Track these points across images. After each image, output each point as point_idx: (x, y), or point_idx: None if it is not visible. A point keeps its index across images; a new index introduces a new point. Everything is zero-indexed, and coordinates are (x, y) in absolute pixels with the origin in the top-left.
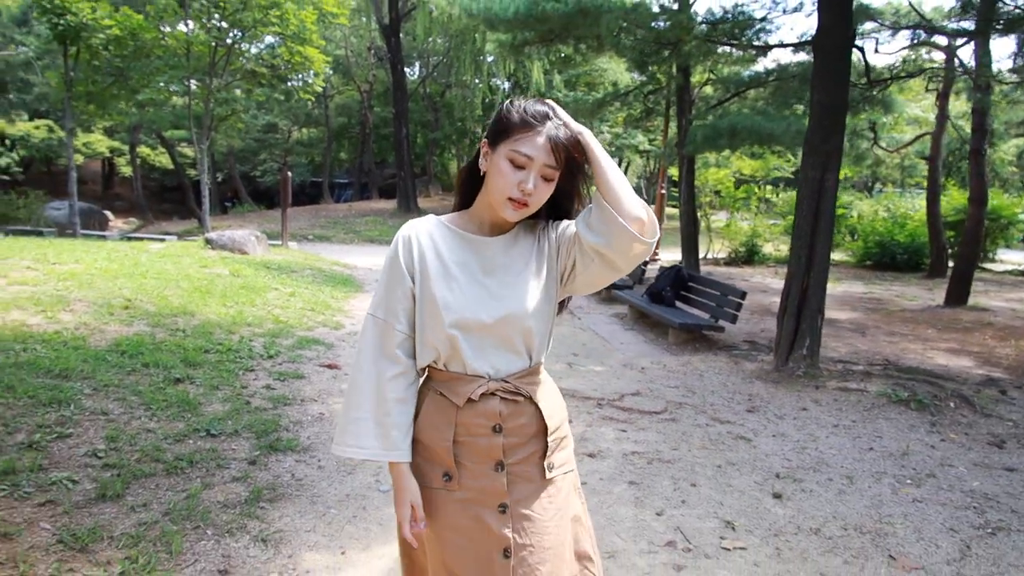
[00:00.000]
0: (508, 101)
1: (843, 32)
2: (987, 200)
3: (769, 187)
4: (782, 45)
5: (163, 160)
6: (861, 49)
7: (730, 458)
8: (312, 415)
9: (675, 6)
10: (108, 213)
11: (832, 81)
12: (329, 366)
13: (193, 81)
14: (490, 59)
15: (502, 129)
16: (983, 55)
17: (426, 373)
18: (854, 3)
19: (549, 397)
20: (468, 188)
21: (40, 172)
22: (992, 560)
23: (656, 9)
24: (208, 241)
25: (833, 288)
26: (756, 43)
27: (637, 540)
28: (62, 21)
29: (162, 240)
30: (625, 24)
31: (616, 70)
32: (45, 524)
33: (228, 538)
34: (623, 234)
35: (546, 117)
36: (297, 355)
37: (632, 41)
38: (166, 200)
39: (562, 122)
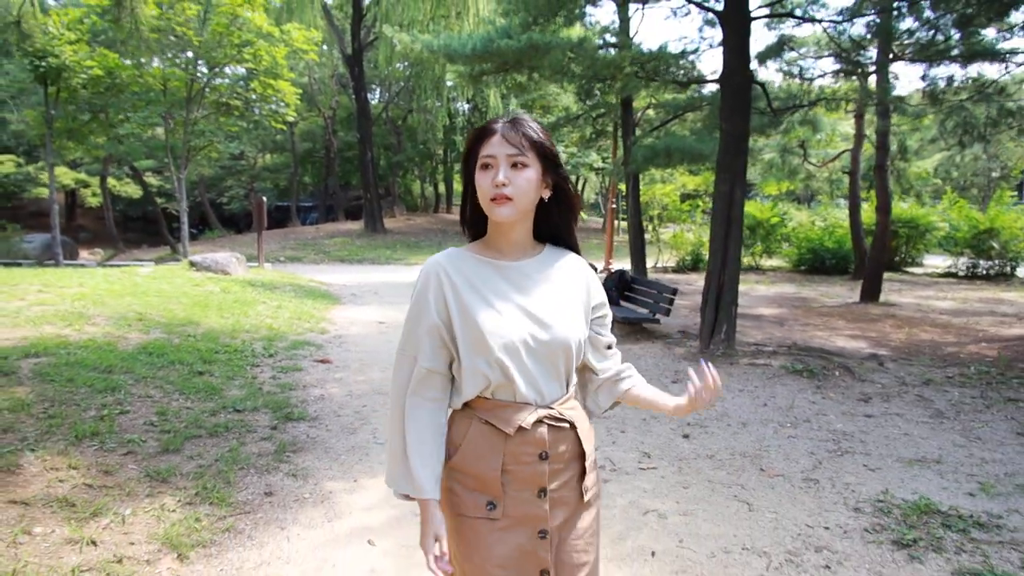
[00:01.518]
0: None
1: (744, 74)
2: (891, 210)
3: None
4: (699, 80)
5: (128, 190)
6: (762, 85)
7: (654, 414)
8: (314, 396)
9: (615, 40)
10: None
11: (736, 114)
12: (322, 361)
13: (173, 115)
14: (450, 84)
15: (467, 150)
16: (884, 83)
17: (462, 404)
18: (779, 34)
19: (584, 422)
20: (474, 221)
21: (3, 207)
22: (834, 470)
23: (599, 42)
24: (192, 264)
25: (767, 290)
26: (678, 79)
27: None
28: (43, 63)
29: (143, 266)
30: (572, 56)
31: (568, 96)
32: (132, 466)
33: (267, 474)
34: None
35: (505, 120)
36: (293, 354)
37: (579, 71)
38: (130, 229)
39: (526, 119)
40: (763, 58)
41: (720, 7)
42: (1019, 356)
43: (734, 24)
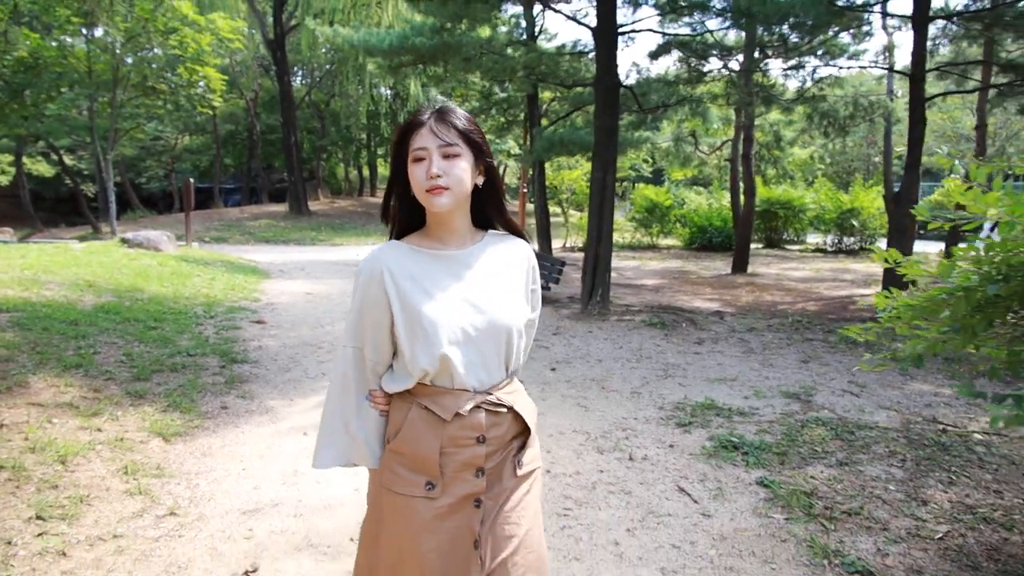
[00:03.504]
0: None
1: (613, 79)
2: (756, 192)
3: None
4: (579, 84)
5: (40, 169)
6: (630, 88)
7: (533, 356)
8: (253, 347)
9: (524, 37)
10: None
11: (606, 113)
12: (258, 322)
13: (99, 97)
14: (371, 69)
15: (397, 142)
16: (749, 82)
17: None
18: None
19: (524, 404)
20: (404, 214)
21: None
22: (655, 387)
23: (505, 41)
24: (124, 240)
25: (657, 265)
26: (563, 82)
27: None
28: None
29: (69, 243)
30: (483, 52)
31: (484, 85)
32: (114, 387)
33: (221, 396)
34: None
35: (432, 112)
36: (231, 316)
37: (487, 67)
38: (41, 208)
39: (453, 109)
40: (654, 55)
41: (593, 24)
42: (830, 310)
43: (604, 38)
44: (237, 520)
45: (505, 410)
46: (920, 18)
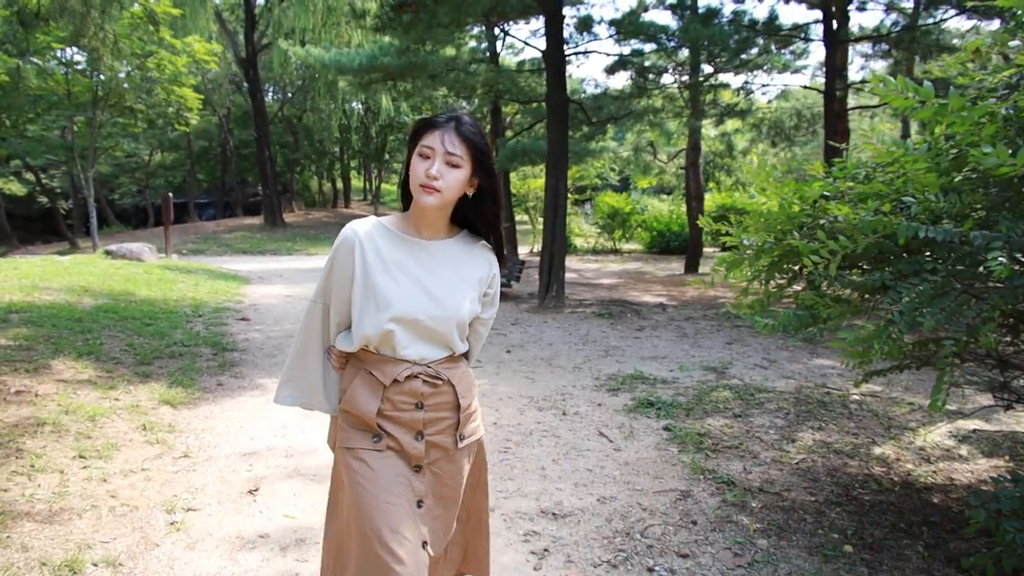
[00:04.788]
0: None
1: (562, 97)
2: (703, 197)
3: (576, 193)
4: (534, 100)
5: (12, 188)
6: (578, 103)
7: (491, 341)
8: (241, 339)
9: (488, 54)
10: None
11: (556, 127)
12: (242, 319)
13: (77, 117)
14: (343, 86)
15: (413, 134)
16: (697, 96)
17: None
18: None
19: (463, 379)
20: (406, 195)
21: None
22: (595, 364)
23: (468, 59)
24: (108, 252)
25: (617, 267)
26: (519, 98)
27: None
28: None
29: (52, 257)
30: (448, 69)
31: (450, 100)
32: (123, 369)
33: (216, 375)
34: None
35: (451, 119)
36: (217, 316)
37: (452, 79)
38: (12, 227)
39: (469, 123)
40: (611, 70)
41: (543, 47)
42: None
43: (553, 60)
44: (239, 460)
45: (442, 382)
46: (830, 40)
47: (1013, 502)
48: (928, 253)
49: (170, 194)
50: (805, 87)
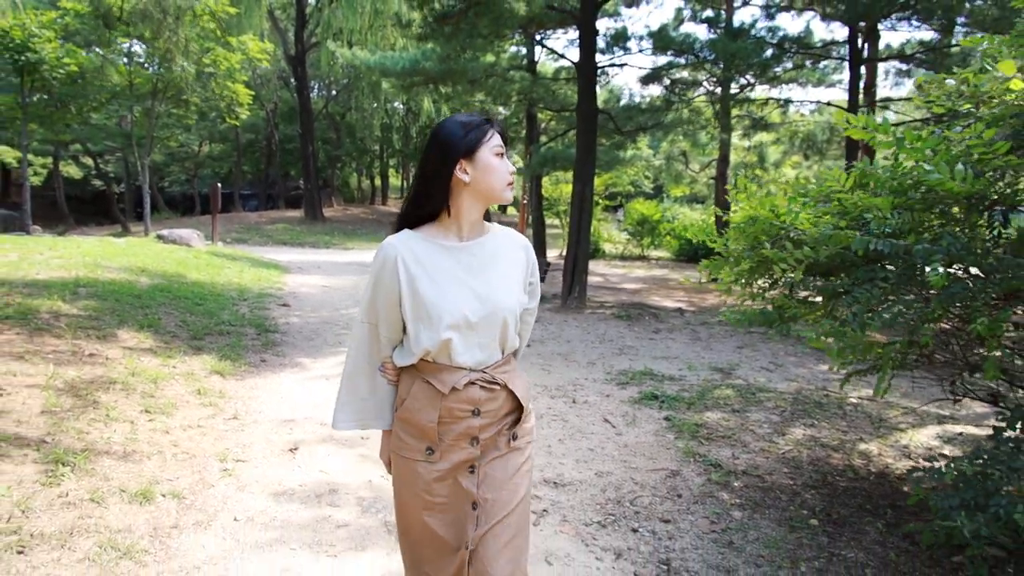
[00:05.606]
0: (450, 123)
1: (592, 107)
2: (729, 208)
3: (608, 200)
4: (566, 108)
5: (71, 171)
6: (608, 113)
7: None
8: (282, 323)
9: (526, 63)
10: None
11: (585, 135)
12: (283, 305)
13: (136, 107)
14: (386, 88)
15: (476, 140)
16: (726, 108)
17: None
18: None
19: (519, 382)
20: (431, 204)
21: None
22: (609, 361)
23: (507, 66)
24: (160, 237)
25: (643, 273)
26: (551, 107)
27: None
28: (23, 57)
29: (108, 238)
30: (487, 75)
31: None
32: (179, 342)
33: (260, 353)
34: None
35: (485, 116)
36: (260, 300)
37: (492, 85)
38: (70, 209)
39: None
40: (645, 81)
41: (576, 59)
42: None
43: (584, 71)
44: (281, 424)
45: (499, 387)
46: (854, 59)
47: (941, 477)
48: (880, 264)
49: (219, 184)
50: (829, 103)
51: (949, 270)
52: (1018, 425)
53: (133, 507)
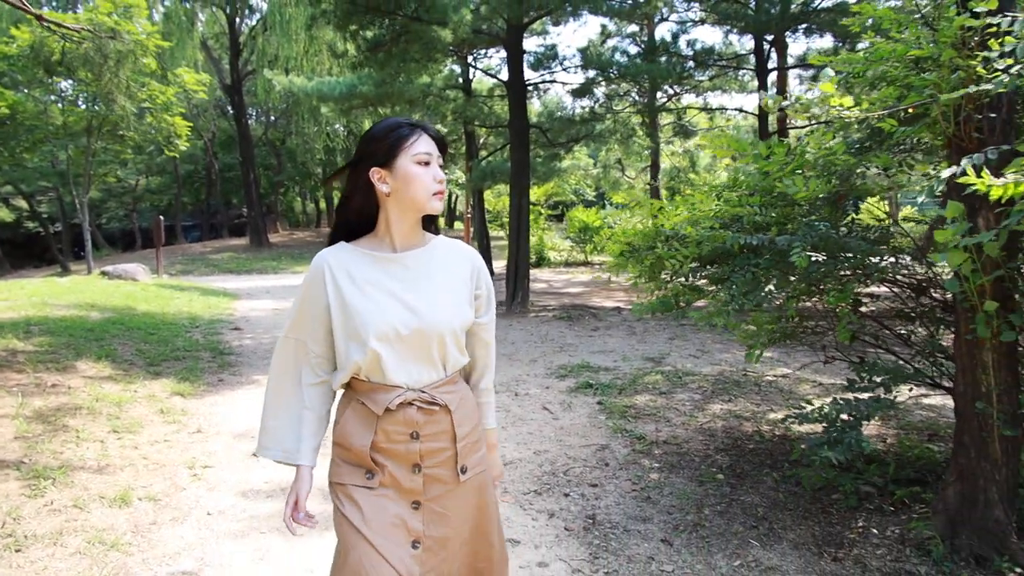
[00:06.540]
0: (376, 129)
1: (523, 122)
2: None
3: (550, 209)
4: (502, 125)
5: (2, 215)
6: (539, 127)
7: None
8: (236, 345)
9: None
10: None
11: (517, 149)
12: (235, 329)
13: (71, 145)
14: (325, 111)
15: (391, 146)
16: (654, 121)
17: (342, 384)
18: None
19: (462, 404)
20: (359, 216)
21: None
22: (550, 357)
23: (442, 84)
24: (104, 273)
25: (585, 278)
26: (486, 123)
27: None
28: None
29: (50, 278)
30: (424, 95)
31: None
32: (137, 369)
33: (217, 373)
34: None
35: (409, 120)
36: (212, 326)
37: (430, 104)
38: (4, 253)
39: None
40: (576, 94)
41: (506, 78)
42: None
43: (515, 89)
44: (242, 435)
45: (438, 408)
46: (760, 70)
47: (807, 419)
48: (753, 254)
49: (161, 217)
50: (741, 110)
51: (811, 254)
52: (864, 375)
53: (113, 510)
